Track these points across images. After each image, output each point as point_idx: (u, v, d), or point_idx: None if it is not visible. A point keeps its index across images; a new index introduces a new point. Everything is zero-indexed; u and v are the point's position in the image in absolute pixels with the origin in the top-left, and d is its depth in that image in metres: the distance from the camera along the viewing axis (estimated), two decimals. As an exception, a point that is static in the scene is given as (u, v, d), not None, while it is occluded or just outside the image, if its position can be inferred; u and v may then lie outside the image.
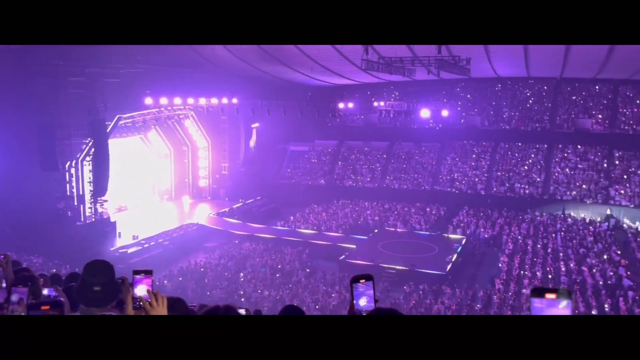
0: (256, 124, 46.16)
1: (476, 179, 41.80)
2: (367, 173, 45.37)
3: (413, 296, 24.52)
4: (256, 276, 27.54)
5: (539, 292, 1.56)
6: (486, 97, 47.47)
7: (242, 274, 27.65)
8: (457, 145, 45.30)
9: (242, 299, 24.43)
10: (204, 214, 39.04)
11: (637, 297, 23.40)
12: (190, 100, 37.21)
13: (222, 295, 24.86)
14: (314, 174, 46.45)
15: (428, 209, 39.47)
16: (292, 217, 38.32)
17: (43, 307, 3.03)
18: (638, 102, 42.42)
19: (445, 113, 41.54)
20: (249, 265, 29.11)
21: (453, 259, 28.97)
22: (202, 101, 37.71)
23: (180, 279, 26.87)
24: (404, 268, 27.70)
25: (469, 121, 45.81)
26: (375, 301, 2.58)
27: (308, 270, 28.71)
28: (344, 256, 29.97)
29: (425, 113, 39.49)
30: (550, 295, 1.54)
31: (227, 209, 39.97)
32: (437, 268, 27.69)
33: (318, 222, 37.12)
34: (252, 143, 47.30)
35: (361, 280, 2.56)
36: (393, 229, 36.12)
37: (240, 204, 41.70)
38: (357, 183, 44.72)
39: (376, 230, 35.65)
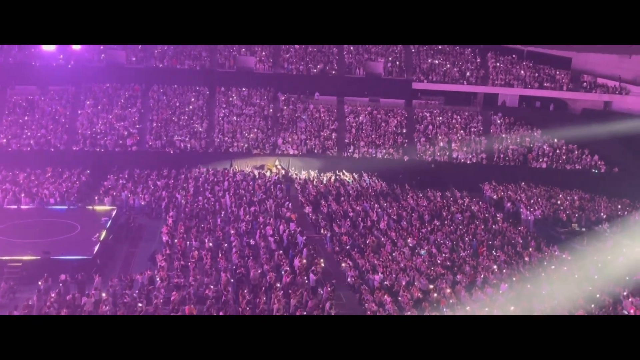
0: None
1: (126, 133, 41.54)
2: (-31, 131, 40.15)
3: (50, 294, 23.09)
4: None
5: None
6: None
7: None
8: (97, 89, 43.93)
9: None
10: None
11: (313, 252, 27.31)
12: None
13: None
14: None
15: (65, 175, 37.54)
16: None
17: None
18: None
19: (77, 46, 39.66)
20: None
21: (102, 238, 28.38)
22: None
23: None
24: (34, 258, 25.82)
25: (111, 57, 44.80)
26: None
27: None
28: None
29: (49, 46, 36.96)
30: None
31: None
32: (81, 252, 26.65)
33: None
34: None
35: None
36: (15, 207, 33.13)
37: None
38: (-48, 146, 39.18)
39: (-11, 211, 32.08)
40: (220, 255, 26.71)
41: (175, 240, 28.61)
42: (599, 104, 45.41)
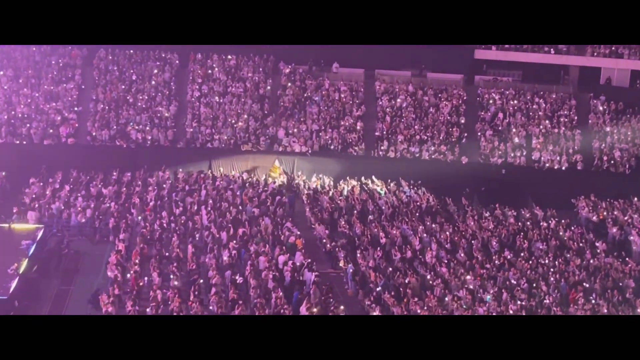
0: None
1: (59, 118, 41.58)
2: None
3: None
4: None
5: None
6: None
7: None
8: (17, 54, 44.31)
9: None
10: None
11: (328, 295, 26.99)
12: None
13: None
14: None
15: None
16: None
17: None
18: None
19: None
20: None
21: (22, 270, 28.41)
22: None
23: None
24: None
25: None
26: None
27: None
28: None
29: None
30: None
31: None
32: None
33: None
34: None
35: None
36: None
37: None
38: None
39: None
40: (192, 297, 26.64)
41: (128, 275, 28.62)
42: None
